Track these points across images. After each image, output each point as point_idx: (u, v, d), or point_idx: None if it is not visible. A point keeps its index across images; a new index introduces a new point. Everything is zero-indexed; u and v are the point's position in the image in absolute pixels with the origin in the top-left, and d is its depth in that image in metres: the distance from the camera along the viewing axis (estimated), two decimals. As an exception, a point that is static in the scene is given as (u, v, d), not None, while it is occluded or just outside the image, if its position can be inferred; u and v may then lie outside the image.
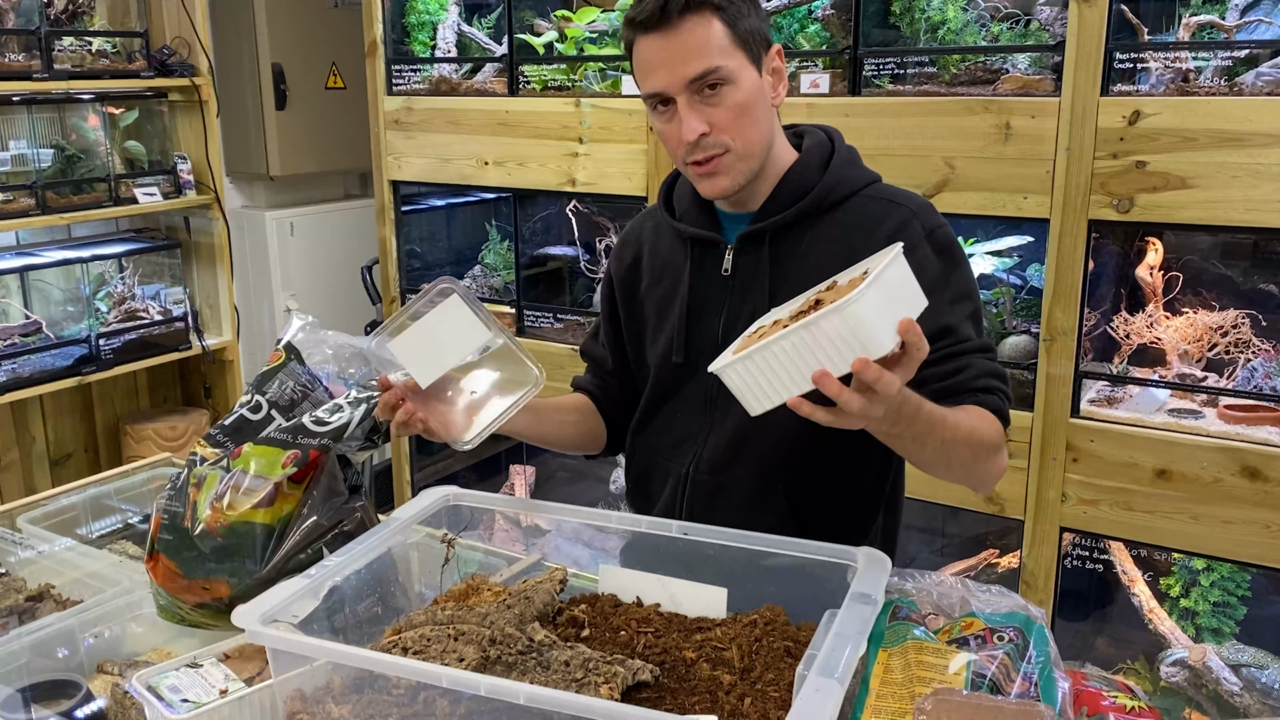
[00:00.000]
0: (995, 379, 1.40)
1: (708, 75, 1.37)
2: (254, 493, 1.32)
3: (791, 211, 1.47)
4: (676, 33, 1.37)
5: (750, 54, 1.40)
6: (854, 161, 1.53)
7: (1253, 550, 2.24)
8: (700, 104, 1.39)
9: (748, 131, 1.41)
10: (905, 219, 1.45)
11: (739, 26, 1.39)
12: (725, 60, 1.37)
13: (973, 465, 1.36)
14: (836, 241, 1.46)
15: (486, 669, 1.10)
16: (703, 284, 1.54)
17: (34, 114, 3.30)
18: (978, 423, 1.33)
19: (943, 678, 1.08)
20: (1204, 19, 2.24)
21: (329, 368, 1.52)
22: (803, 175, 1.48)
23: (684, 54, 1.37)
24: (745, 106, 1.40)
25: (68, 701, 1.35)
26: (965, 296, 1.44)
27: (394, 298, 3.50)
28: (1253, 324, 2.36)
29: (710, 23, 1.37)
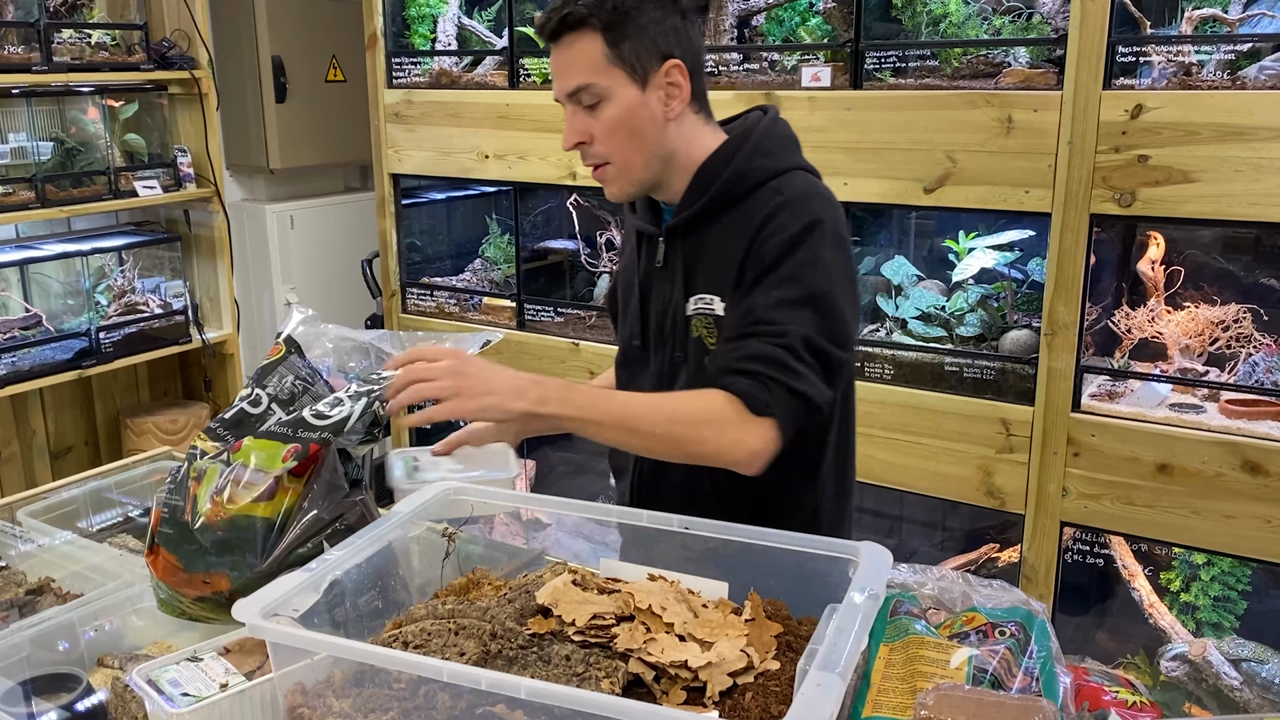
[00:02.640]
0: (762, 362, 1.38)
1: (579, 91, 1.47)
2: (254, 486, 1.31)
3: (696, 207, 1.52)
4: (561, 47, 1.48)
5: (633, 73, 1.46)
6: (764, 151, 1.53)
7: (1253, 545, 2.24)
8: (583, 114, 1.49)
9: (624, 147, 1.49)
10: (779, 205, 1.46)
11: (621, 46, 1.45)
12: (598, 79, 1.45)
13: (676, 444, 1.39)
14: (732, 236, 1.50)
15: (487, 663, 1.10)
16: (647, 274, 1.62)
17: (33, 107, 3.30)
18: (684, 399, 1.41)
19: (944, 672, 1.08)
20: (1206, 12, 2.24)
21: (329, 361, 1.52)
22: (711, 170, 1.52)
23: (565, 67, 1.48)
24: (619, 123, 1.47)
25: (68, 695, 1.35)
26: (785, 282, 1.43)
27: (394, 291, 3.50)
28: (1254, 319, 2.36)
29: (590, 41, 1.45)
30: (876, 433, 2.63)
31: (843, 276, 1.46)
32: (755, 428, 1.37)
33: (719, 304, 1.50)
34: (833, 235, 1.46)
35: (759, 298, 1.43)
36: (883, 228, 2.88)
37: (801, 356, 1.39)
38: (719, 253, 1.51)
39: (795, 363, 1.38)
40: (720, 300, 1.50)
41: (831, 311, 1.43)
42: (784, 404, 1.38)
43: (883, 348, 2.63)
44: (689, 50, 1.50)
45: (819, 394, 1.41)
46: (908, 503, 2.98)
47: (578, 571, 1.24)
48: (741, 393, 1.37)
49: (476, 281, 3.51)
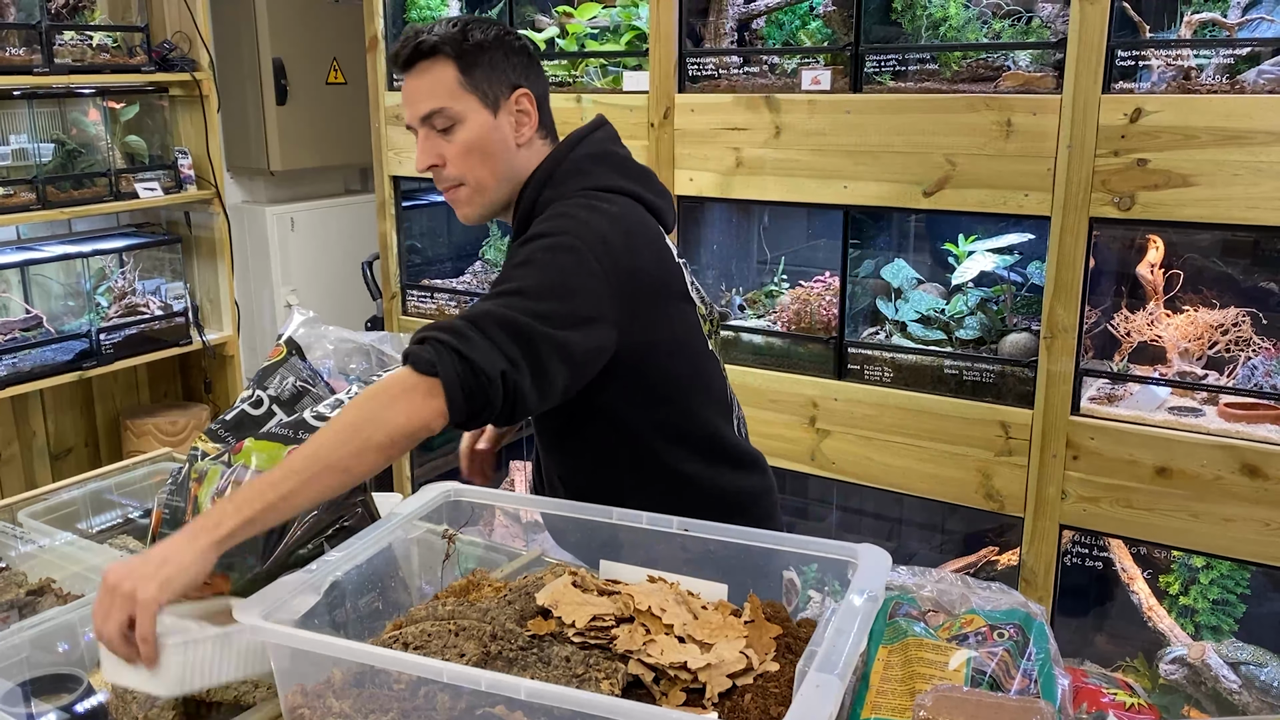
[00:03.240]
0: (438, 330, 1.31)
1: (433, 115, 1.53)
2: (255, 488, 1.32)
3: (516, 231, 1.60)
4: (416, 74, 1.55)
5: (484, 98, 1.53)
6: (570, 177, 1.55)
7: (1252, 548, 2.24)
8: (436, 138, 1.55)
9: (476, 168, 1.55)
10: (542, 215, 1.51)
11: (473, 74, 1.53)
12: (452, 103, 1.52)
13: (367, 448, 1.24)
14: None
15: (487, 664, 1.10)
16: None
17: (34, 108, 3.30)
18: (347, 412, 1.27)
19: (943, 674, 1.08)
20: (1206, 16, 2.24)
21: (330, 363, 1.52)
22: (525, 193, 1.59)
23: (419, 94, 1.54)
24: (472, 145, 1.54)
25: (69, 696, 1.36)
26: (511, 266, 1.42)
27: (394, 293, 3.50)
28: (1253, 322, 2.36)
29: (444, 68, 1.53)
30: (875, 435, 2.63)
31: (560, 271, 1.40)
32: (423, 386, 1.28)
33: None
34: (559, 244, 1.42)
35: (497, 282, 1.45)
36: (882, 231, 2.89)
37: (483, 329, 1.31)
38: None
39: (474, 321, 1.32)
40: None
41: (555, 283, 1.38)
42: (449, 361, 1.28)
43: (882, 350, 2.63)
44: (536, 83, 1.59)
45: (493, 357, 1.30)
46: (907, 505, 2.99)
47: (577, 573, 1.24)
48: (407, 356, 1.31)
49: (476, 284, 3.51)
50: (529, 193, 1.58)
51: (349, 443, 1.23)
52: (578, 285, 1.40)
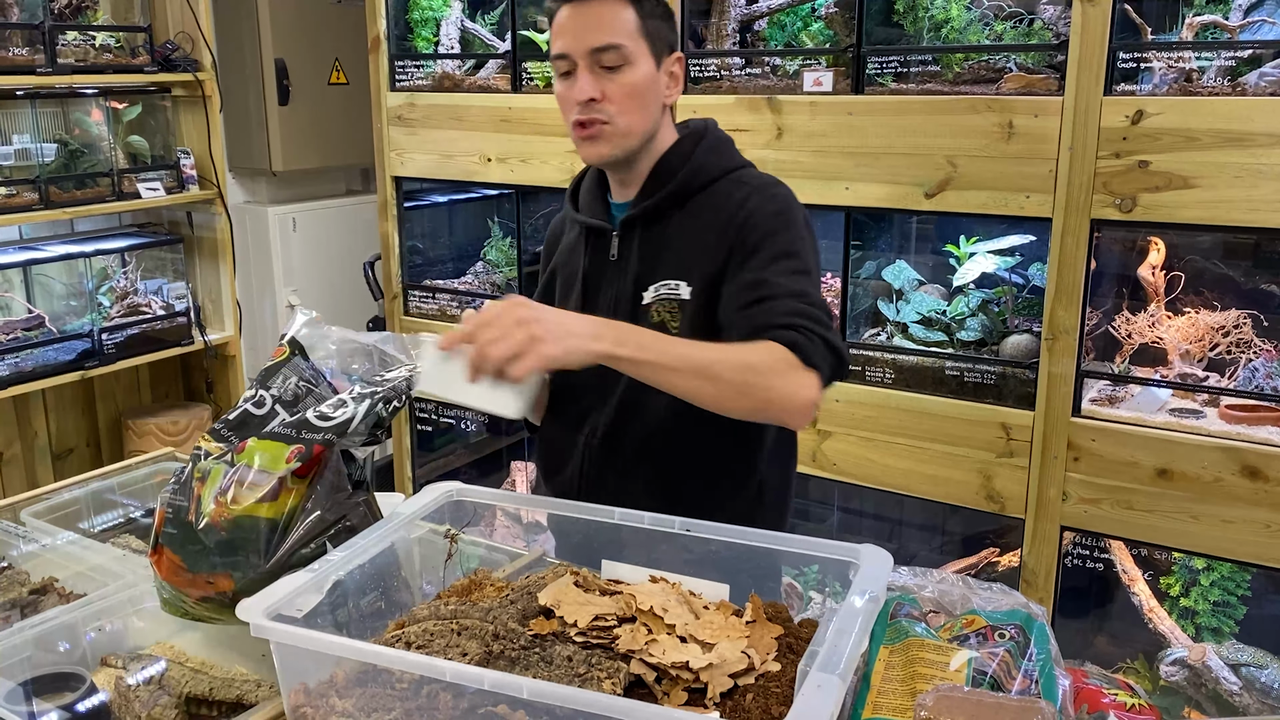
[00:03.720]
0: (799, 317, 1.43)
1: (609, 49, 1.53)
2: (258, 487, 1.32)
3: (657, 197, 1.61)
4: (591, 7, 1.54)
5: (653, 48, 1.56)
6: (719, 150, 1.65)
7: (1253, 550, 2.24)
8: (599, 74, 1.54)
9: (633, 112, 1.56)
10: (749, 193, 1.57)
11: (647, 22, 1.55)
12: (628, 41, 1.53)
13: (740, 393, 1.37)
14: (697, 221, 1.59)
15: (489, 664, 1.11)
16: (595, 268, 1.68)
17: (37, 108, 3.30)
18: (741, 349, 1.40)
19: (944, 675, 1.08)
20: (1207, 19, 2.25)
21: (333, 363, 1.52)
22: (671, 163, 1.62)
23: (594, 24, 1.53)
24: (636, 89, 1.55)
25: (71, 695, 1.36)
26: (784, 256, 1.51)
27: (396, 294, 3.51)
28: (1254, 324, 2.37)
29: (622, 7, 1.54)
30: (877, 436, 2.63)
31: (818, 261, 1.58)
32: (807, 377, 1.40)
33: (684, 288, 1.58)
34: (805, 219, 1.58)
35: (763, 272, 1.50)
36: (883, 232, 2.89)
37: (826, 317, 1.46)
38: (683, 240, 1.60)
39: (826, 318, 1.46)
40: (686, 285, 1.58)
41: (818, 281, 1.55)
42: (824, 357, 1.41)
43: (883, 352, 2.64)
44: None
45: (844, 350, 1.46)
46: (907, 507, 2.99)
47: (579, 573, 1.25)
48: (791, 343, 1.40)
49: (478, 284, 3.51)
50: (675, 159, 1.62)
51: (738, 376, 1.36)
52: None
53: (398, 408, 1.41)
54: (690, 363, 1.35)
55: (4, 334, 3.26)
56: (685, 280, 1.58)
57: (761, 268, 1.50)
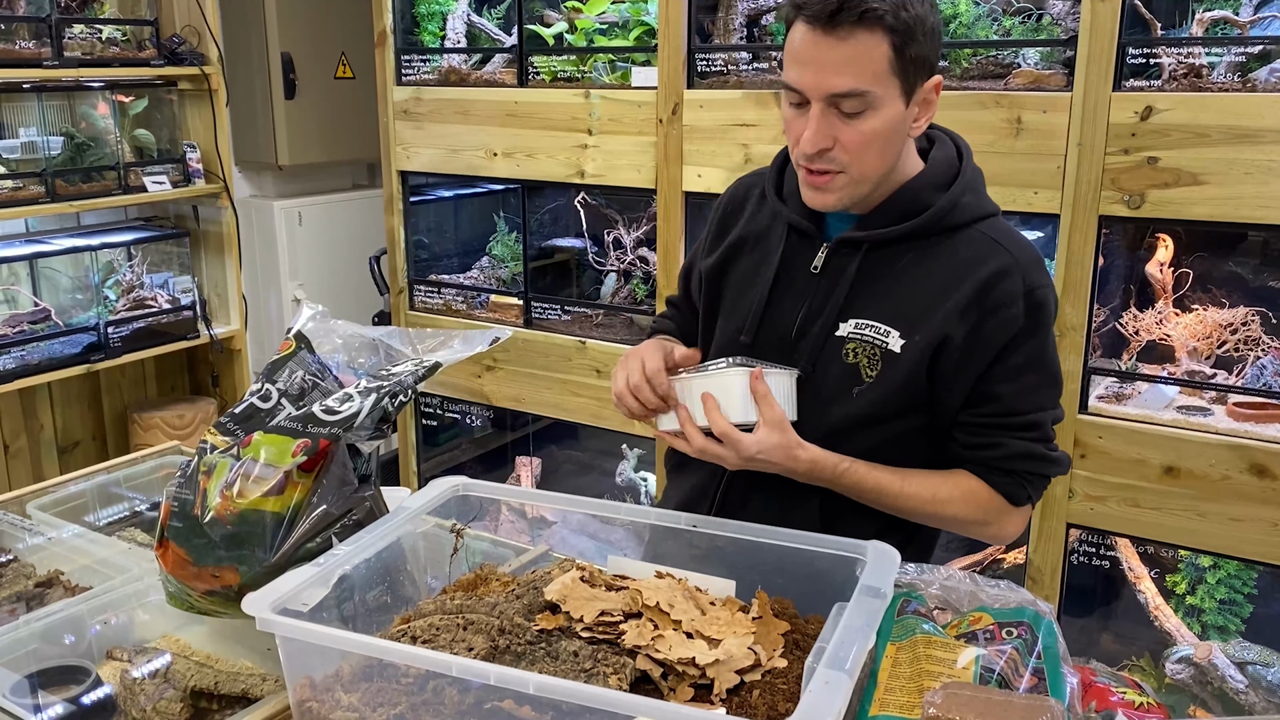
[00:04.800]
0: (1024, 460, 1.44)
1: (851, 96, 1.31)
2: (264, 481, 1.32)
3: (895, 229, 1.42)
4: (839, 40, 1.29)
5: (905, 84, 1.33)
6: (977, 189, 1.46)
7: (1260, 548, 2.23)
8: (834, 117, 1.33)
9: (870, 160, 1.36)
10: (1007, 267, 1.39)
11: (906, 53, 1.30)
12: (875, 86, 1.30)
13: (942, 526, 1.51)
14: (933, 270, 1.41)
15: (495, 658, 1.10)
16: (790, 273, 1.50)
17: (44, 101, 3.31)
18: (949, 496, 1.44)
19: (951, 672, 1.08)
20: (1217, 14, 2.23)
21: (339, 357, 1.52)
22: (918, 193, 1.42)
23: (838, 64, 1.30)
24: (876, 136, 1.33)
25: (77, 687, 1.36)
26: (1034, 368, 1.42)
27: (402, 288, 3.51)
28: (1262, 322, 2.36)
29: (878, 42, 1.29)
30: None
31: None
32: (1015, 516, 1.47)
33: (895, 338, 1.41)
34: (1055, 306, 1.45)
35: (1003, 386, 1.41)
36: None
37: (1051, 440, 1.46)
38: (911, 285, 1.42)
39: (1049, 451, 1.45)
40: (898, 335, 1.40)
41: (1059, 381, 1.50)
42: (1040, 489, 1.47)
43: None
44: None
45: (1065, 465, 1.48)
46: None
47: (586, 568, 1.24)
48: (1007, 493, 1.45)
49: (484, 279, 3.51)
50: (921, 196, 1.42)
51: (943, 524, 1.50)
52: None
53: (404, 402, 1.41)
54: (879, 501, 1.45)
55: (10, 327, 3.26)
56: (899, 330, 1.40)
57: (1002, 380, 1.40)
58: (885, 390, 1.42)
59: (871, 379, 1.42)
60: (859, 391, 1.43)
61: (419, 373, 1.45)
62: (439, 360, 1.48)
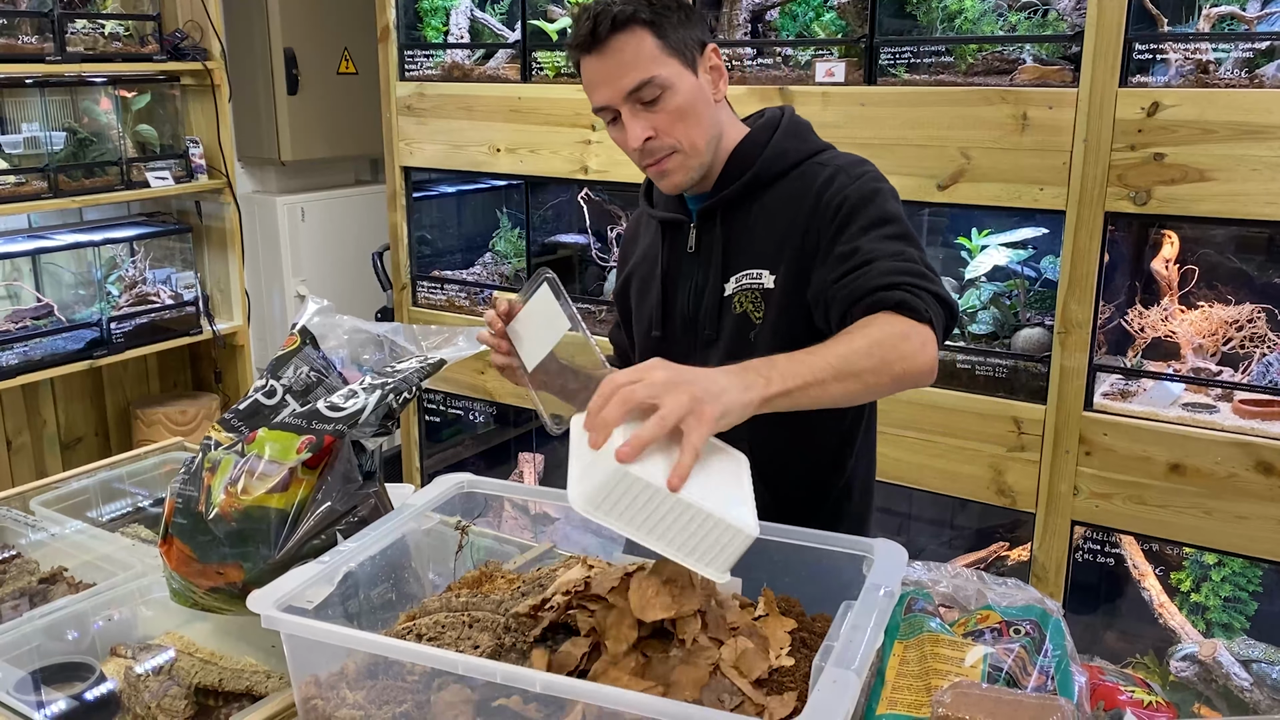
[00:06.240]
0: (901, 275, 1.35)
1: (643, 87, 1.47)
2: (268, 478, 1.31)
3: (736, 186, 1.56)
4: (610, 51, 1.47)
5: (684, 59, 1.49)
6: (799, 134, 1.60)
7: (1265, 546, 2.23)
8: (642, 112, 1.49)
9: (691, 131, 1.51)
10: (831, 175, 1.51)
11: (669, 37, 1.47)
12: (659, 69, 1.47)
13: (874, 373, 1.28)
14: (777, 208, 1.55)
15: (501, 656, 1.10)
16: (674, 262, 1.65)
17: (46, 97, 3.30)
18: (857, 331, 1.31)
19: (959, 670, 1.07)
20: (1224, 10, 2.23)
21: (344, 353, 1.52)
22: (747, 152, 1.57)
23: (619, 69, 1.47)
24: (685, 109, 1.49)
25: (81, 684, 1.36)
26: (878, 224, 1.45)
27: (405, 284, 3.50)
28: (1269, 318, 2.35)
29: (640, 38, 1.46)
30: (888, 430, 2.61)
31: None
32: (924, 333, 1.33)
33: (768, 277, 1.53)
34: (891, 191, 1.51)
35: (856, 242, 1.42)
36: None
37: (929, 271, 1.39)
38: (765, 228, 1.55)
39: (930, 272, 1.39)
40: (769, 273, 1.53)
41: (916, 241, 1.45)
42: (935, 310, 1.35)
43: (894, 345, 2.62)
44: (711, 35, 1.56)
45: (952, 303, 1.39)
46: (916, 500, 2.98)
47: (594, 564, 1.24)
48: (899, 304, 1.33)
49: (487, 275, 3.51)
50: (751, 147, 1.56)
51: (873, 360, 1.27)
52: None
53: (408, 399, 1.41)
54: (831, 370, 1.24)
55: (13, 323, 3.26)
56: (768, 269, 1.54)
57: (854, 239, 1.44)
58: (773, 323, 1.53)
59: (760, 319, 1.54)
60: (754, 335, 1.54)
61: (424, 370, 1.44)
62: (444, 357, 1.47)
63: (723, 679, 1.03)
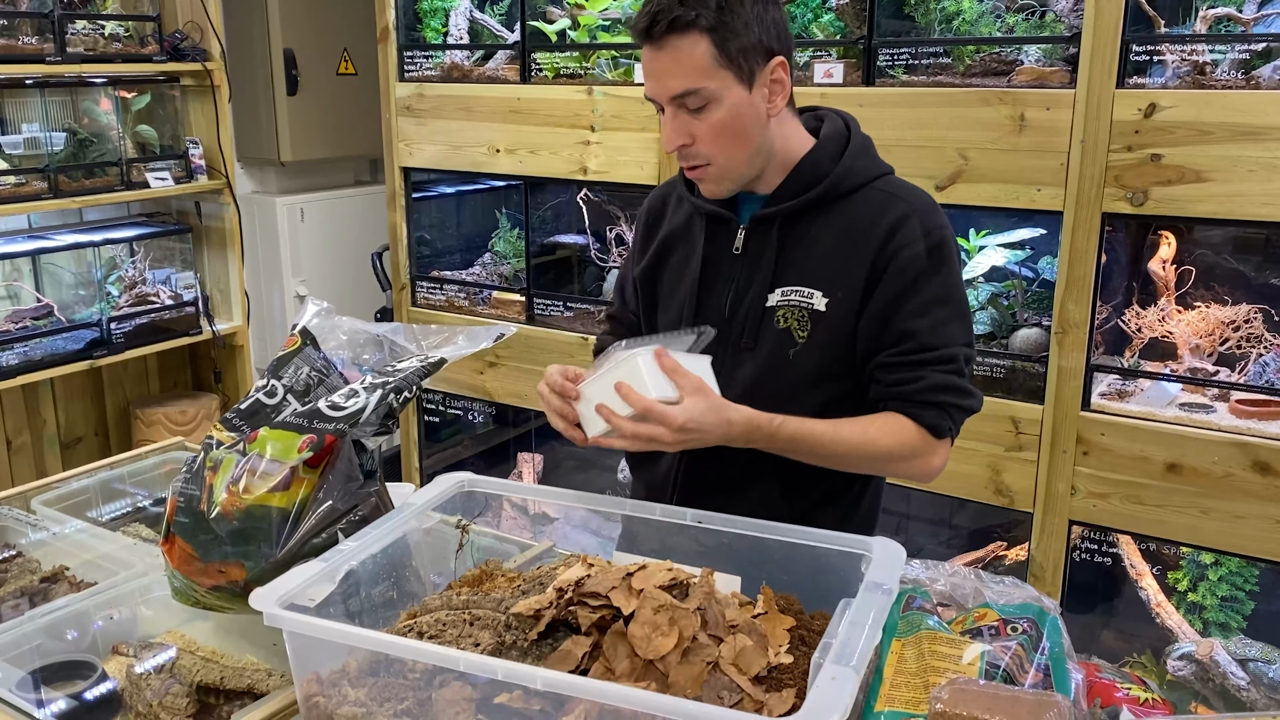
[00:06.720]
0: (944, 392, 1.47)
1: (688, 95, 1.43)
2: (270, 476, 1.32)
3: (801, 200, 1.52)
4: (663, 49, 1.43)
5: (740, 72, 1.43)
6: (867, 152, 1.56)
7: (1262, 545, 2.24)
8: (685, 116, 1.45)
9: (729, 148, 1.47)
10: (905, 214, 1.48)
11: (729, 46, 1.41)
12: (707, 81, 1.42)
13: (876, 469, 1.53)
14: (841, 231, 1.51)
15: (502, 653, 1.11)
16: (714, 259, 1.59)
17: (46, 97, 3.31)
18: (879, 435, 1.47)
19: (956, 668, 1.08)
20: (1221, 11, 2.23)
21: (344, 353, 1.52)
22: (815, 165, 1.52)
23: (668, 70, 1.44)
24: (726, 125, 1.45)
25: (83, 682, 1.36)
26: (941, 302, 1.48)
27: (404, 284, 3.51)
28: (1265, 319, 2.36)
29: (696, 43, 1.41)
30: (885, 430, 2.62)
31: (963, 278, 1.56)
32: (939, 449, 1.50)
33: (819, 298, 1.50)
34: (956, 245, 1.52)
35: (917, 323, 1.47)
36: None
37: (966, 374, 1.50)
38: (825, 249, 1.51)
39: (965, 383, 1.49)
40: (821, 295, 1.50)
41: (969, 318, 1.52)
42: (960, 419, 1.50)
43: (892, 345, 2.63)
44: (787, 44, 1.48)
45: (980, 399, 1.52)
46: (914, 500, 2.98)
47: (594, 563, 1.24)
48: (930, 425, 1.47)
49: (486, 276, 3.51)
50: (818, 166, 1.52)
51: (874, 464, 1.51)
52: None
53: (409, 398, 1.42)
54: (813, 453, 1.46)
55: (13, 323, 3.26)
56: (822, 290, 1.50)
57: (914, 316, 1.47)
58: (818, 346, 1.51)
59: (804, 339, 1.51)
60: (795, 353, 1.52)
61: (424, 369, 1.45)
62: (444, 356, 1.48)
63: (722, 676, 1.04)
